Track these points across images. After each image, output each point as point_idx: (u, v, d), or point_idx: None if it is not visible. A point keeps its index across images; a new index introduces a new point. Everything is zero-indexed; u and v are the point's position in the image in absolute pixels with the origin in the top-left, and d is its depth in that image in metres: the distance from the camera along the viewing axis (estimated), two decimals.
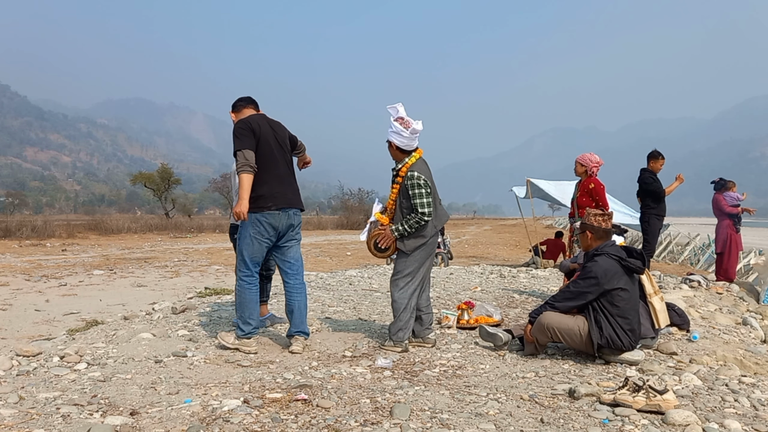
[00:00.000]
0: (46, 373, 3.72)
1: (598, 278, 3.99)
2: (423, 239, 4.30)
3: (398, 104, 4.28)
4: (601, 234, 4.27)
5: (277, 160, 4.30)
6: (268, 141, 4.28)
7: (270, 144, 4.28)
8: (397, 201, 4.32)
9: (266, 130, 4.30)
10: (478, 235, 32.00)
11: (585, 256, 4.36)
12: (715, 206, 9.27)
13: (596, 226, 4.27)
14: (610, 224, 4.31)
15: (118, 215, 41.34)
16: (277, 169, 4.29)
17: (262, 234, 4.22)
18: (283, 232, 4.31)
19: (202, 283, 9.31)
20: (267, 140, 4.27)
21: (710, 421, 2.97)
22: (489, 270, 10.21)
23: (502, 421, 2.94)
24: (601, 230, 4.27)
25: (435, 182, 4.43)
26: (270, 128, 4.35)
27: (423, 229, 4.28)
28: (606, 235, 4.27)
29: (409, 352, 4.32)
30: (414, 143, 4.31)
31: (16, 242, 18.87)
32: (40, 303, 7.39)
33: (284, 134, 4.45)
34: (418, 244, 4.30)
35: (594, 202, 6.57)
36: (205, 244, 19.72)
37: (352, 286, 7.77)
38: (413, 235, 4.29)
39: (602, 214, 4.31)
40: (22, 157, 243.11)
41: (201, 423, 2.83)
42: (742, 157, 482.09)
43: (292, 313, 4.38)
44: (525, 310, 6.10)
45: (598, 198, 6.57)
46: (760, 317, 6.79)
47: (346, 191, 45.26)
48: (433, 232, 4.34)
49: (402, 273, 4.34)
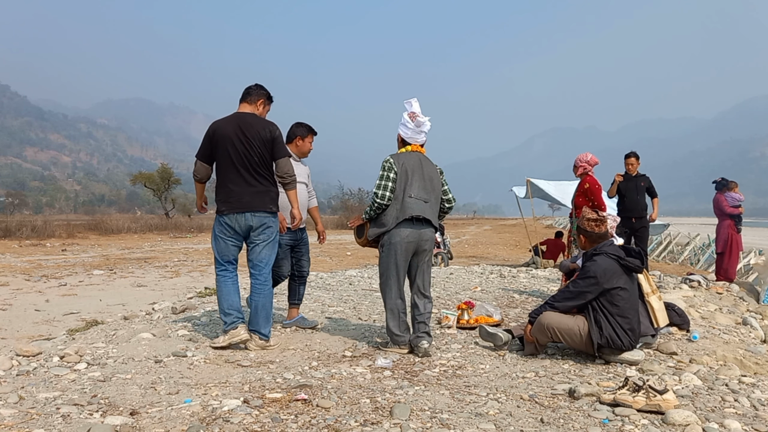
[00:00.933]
0: (46, 373, 3.71)
1: (597, 278, 3.99)
2: (383, 227, 4.21)
3: (413, 99, 4.34)
4: (595, 238, 4.28)
5: (234, 163, 4.20)
6: (225, 145, 4.19)
7: (227, 147, 4.19)
8: None
9: (227, 132, 4.21)
10: (478, 235, 32.01)
11: (584, 256, 4.36)
12: (716, 206, 9.27)
13: (589, 230, 4.28)
14: (605, 228, 4.30)
15: (118, 215, 41.32)
16: (234, 172, 4.22)
17: (225, 233, 4.31)
18: (244, 233, 4.32)
19: (202, 283, 9.31)
20: (224, 144, 4.19)
21: (710, 421, 2.97)
22: (489, 270, 10.22)
23: (502, 421, 2.94)
24: (594, 235, 4.28)
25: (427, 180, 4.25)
26: (237, 128, 4.20)
27: (383, 216, 4.22)
28: (600, 238, 4.28)
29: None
30: (418, 138, 4.32)
31: (16, 242, 18.87)
32: (40, 303, 7.38)
33: (255, 134, 4.21)
34: (378, 233, 4.24)
35: (590, 201, 6.54)
36: (205, 244, 19.72)
37: (352, 286, 7.78)
38: (375, 222, 4.27)
39: (596, 220, 4.30)
40: (22, 157, 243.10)
41: (201, 423, 2.83)
42: (742, 157, 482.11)
43: (252, 311, 4.41)
44: (525, 310, 6.10)
45: (594, 197, 6.54)
46: (760, 317, 6.79)
47: (346, 191, 45.29)
48: (393, 223, 4.17)
49: (379, 275, 4.35)
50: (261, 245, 4.33)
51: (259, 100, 4.42)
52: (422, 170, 4.29)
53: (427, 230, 4.27)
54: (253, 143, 4.20)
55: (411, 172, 4.22)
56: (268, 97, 4.48)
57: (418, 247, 4.26)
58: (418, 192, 4.22)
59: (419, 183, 4.24)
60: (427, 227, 4.26)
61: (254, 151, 4.21)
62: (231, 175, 4.24)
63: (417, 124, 4.27)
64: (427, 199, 4.26)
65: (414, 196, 4.20)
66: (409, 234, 4.19)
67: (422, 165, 4.30)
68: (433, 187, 4.31)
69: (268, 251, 4.37)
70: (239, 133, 4.20)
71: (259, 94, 4.42)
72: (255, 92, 4.42)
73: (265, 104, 4.47)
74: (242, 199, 4.23)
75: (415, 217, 4.17)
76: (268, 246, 4.36)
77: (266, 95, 4.46)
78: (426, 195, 4.26)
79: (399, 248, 4.20)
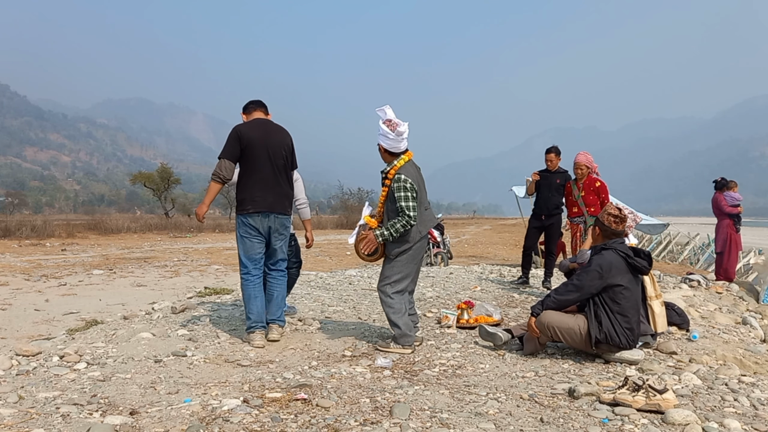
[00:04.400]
0: (45, 372, 3.72)
1: (600, 271, 3.99)
2: (407, 245, 4.23)
3: (386, 106, 4.27)
4: (609, 234, 4.29)
5: (263, 166, 4.46)
6: (256, 146, 4.43)
7: (257, 149, 4.43)
8: (385, 204, 4.29)
9: (257, 135, 4.45)
10: (477, 234, 31.99)
11: (593, 249, 4.35)
12: (715, 206, 9.27)
13: (606, 225, 4.28)
14: (622, 227, 4.31)
15: (118, 215, 41.29)
16: (261, 173, 4.46)
17: (249, 233, 4.50)
18: (266, 234, 4.53)
19: (202, 283, 9.31)
20: (254, 145, 4.42)
21: (710, 421, 2.97)
22: (489, 269, 10.21)
23: (501, 420, 2.94)
24: (609, 231, 4.28)
25: (427, 184, 4.46)
26: (265, 133, 4.50)
27: (407, 234, 4.21)
28: (614, 235, 4.29)
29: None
30: (401, 145, 4.25)
31: (15, 242, 18.85)
32: (39, 303, 7.38)
33: (281, 141, 4.54)
34: (401, 250, 4.24)
35: (600, 201, 6.74)
36: (204, 244, 19.71)
37: (351, 286, 7.77)
38: (397, 240, 4.23)
39: (617, 217, 4.30)
40: (21, 156, 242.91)
41: (201, 422, 2.83)
42: (742, 156, 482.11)
43: (270, 302, 4.65)
44: (525, 309, 6.10)
45: (605, 196, 6.75)
46: (760, 317, 6.80)
47: (345, 191, 45.24)
48: (417, 237, 4.26)
49: (389, 279, 4.29)
50: (280, 242, 4.64)
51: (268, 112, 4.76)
52: (421, 178, 4.38)
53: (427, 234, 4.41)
54: (282, 149, 4.53)
55: (419, 185, 4.28)
56: None
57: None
58: (427, 202, 4.40)
59: (425, 192, 4.40)
60: None
61: (282, 156, 4.54)
62: (259, 176, 4.48)
63: (398, 133, 4.19)
64: (428, 204, 4.45)
65: (427, 207, 4.39)
66: (423, 240, 4.35)
67: (419, 173, 4.39)
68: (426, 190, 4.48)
69: (284, 247, 4.73)
70: (270, 138, 4.48)
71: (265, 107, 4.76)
72: (263, 103, 4.75)
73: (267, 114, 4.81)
74: (267, 200, 4.49)
75: None
76: (285, 242, 4.72)
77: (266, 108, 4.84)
78: (428, 201, 4.44)
79: (417, 255, 4.33)
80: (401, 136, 4.21)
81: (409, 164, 4.30)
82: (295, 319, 5.37)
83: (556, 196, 7.42)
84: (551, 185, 7.45)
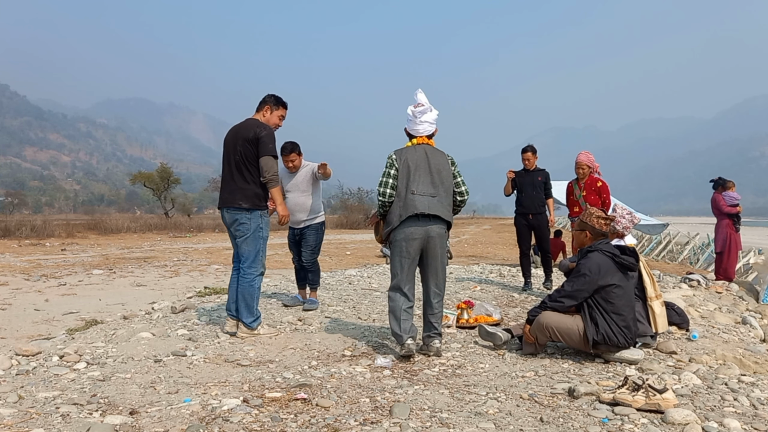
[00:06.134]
0: (45, 372, 3.71)
1: (590, 274, 4.00)
2: (389, 226, 4.18)
3: (418, 90, 4.34)
4: (598, 235, 4.30)
5: (224, 165, 4.68)
6: (225, 148, 4.70)
7: (224, 151, 4.69)
8: None
9: (228, 138, 4.69)
10: (477, 234, 31.97)
11: (579, 252, 4.36)
12: (714, 206, 9.28)
13: (596, 227, 4.29)
14: (607, 228, 4.33)
15: (118, 215, 41.30)
16: (223, 172, 4.70)
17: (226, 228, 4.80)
18: (229, 229, 4.73)
19: (202, 283, 9.30)
20: (224, 147, 4.70)
21: (710, 420, 2.97)
22: (488, 269, 10.21)
23: (501, 420, 2.94)
24: (598, 232, 4.29)
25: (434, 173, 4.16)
26: (230, 134, 4.68)
27: (389, 214, 4.20)
28: (601, 236, 4.30)
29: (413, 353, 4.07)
30: (418, 128, 4.25)
31: (15, 242, 18.84)
32: (39, 302, 7.37)
33: (241, 136, 4.56)
34: (387, 231, 4.23)
35: (601, 201, 6.76)
36: (204, 244, 19.70)
37: (351, 286, 7.77)
38: (385, 220, 4.28)
39: (605, 218, 4.32)
40: (21, 156, 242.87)
41: (200, 422, 2.82)
42: (741, 156, 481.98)
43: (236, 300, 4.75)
44: (524, 309, 6.10)
45: (607, 196, 6.78)
46: (760, 316, 6.80)
47: (345, 191, 45.23)
48: (398, 221, 4.09)
49: (390, 274, 4.28)
50: (239, 239, 4.66)
51: (265, 107, 4.76)
52: (428, 164, 4.16)
53: (435, 226, 4.11)
54: (238, 143, 4.56)
55: (414, 167, 4.12)
56: (275, 103, 4.78)
57: (426, 244, 4.11)
58: (423, 187, 4.11)
59: (425, 177, 4.13)
60: (435, 223, 4.11)
61: (236, 150, 4.56)
62: (222, 175, 4.73)
63: (414, 114, 4.23)
64: (434, 193, 4.13)
65: (417, 192, 4.09)
66: (414, 231, 4.07)
67: (428, 158, 4.18)
68: (441, 180, 4.17)
69: (246, 246, 4.64)
70: (233, 136, 4.62)
71: (263, 102, 4.77)
72: (262, 101, 4.79)
73: (271, 109, 4.77)
74: (222, 197, 4.69)
75: (419, 214, 4.06)
76: (246, 241, 4.63)
77: (272, 101, 4.78)
78: (433, 189, 4.13)
79: (403, 246, 4.10)
80: (417, 119, 4.25)
81: (415, 147, 4.23)
82: (295, 319, 5.37)
83: (539, 194, 7.36)
84: (534, 183, 7.38)
